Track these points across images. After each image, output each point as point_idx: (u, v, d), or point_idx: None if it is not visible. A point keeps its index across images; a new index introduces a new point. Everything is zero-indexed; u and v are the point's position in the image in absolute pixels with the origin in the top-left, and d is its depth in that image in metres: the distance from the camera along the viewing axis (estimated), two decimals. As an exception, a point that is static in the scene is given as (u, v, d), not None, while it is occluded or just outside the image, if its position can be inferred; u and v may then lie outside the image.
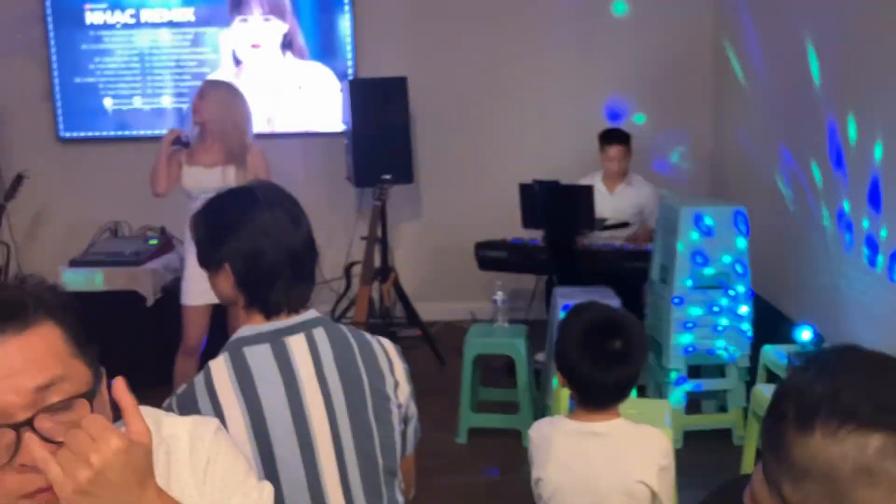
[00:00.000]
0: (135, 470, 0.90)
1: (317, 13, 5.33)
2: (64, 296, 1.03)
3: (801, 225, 3.87)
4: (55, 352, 0.96)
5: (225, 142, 3.60)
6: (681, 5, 5.27)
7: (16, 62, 5.40)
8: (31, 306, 0.96)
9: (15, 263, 5.37)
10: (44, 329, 0.96)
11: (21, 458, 0.91)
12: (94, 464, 0.87)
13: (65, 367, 0.96)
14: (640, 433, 1.82)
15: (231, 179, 3.48)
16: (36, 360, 0.94)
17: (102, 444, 0.87)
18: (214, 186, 3.34)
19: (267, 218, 1.56)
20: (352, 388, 1.56)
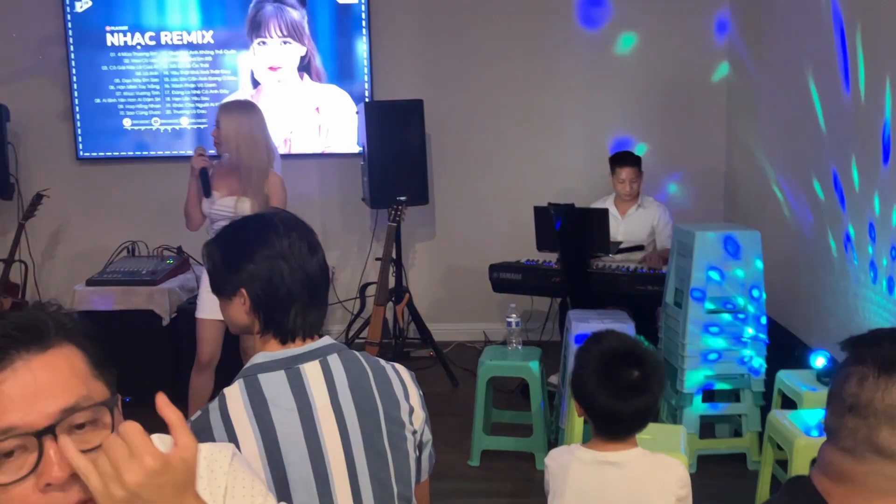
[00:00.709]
0: (173, 486, 0.91)
1: (334, 37, 5.39)
2: (80, 320, 1.04)
3: (816, 250, 3.86)
4: (78, 372, 0.96)
5: (242, 173, 3.49)
6: (693, 32, 5.30)
7: (37, 83, 5.49)
8: (52, 328, 0.97)
9: (32, 282, 5.42)
10: (65, 350, 0.97)
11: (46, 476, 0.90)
12: (129, 483, 0.87)
13: (88, 388, 0.96)
14: (658, 463, 1.81)
15: (245, 210, 3.41)
16: (61, 380, 0.94)
17: (136, 465, 0.88)
18: (226, 214, 3.41)
19: (284, 243, 1.58)
20: (366, 415, 1.56)
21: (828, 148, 3.70)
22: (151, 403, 0.97)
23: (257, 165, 3.49)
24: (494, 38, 5.39)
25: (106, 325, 4.00)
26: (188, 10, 5.38)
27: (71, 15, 5.37)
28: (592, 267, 4.31)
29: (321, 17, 5.36)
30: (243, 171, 3.47)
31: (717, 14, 5.28)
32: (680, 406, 3.51)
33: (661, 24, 5.30)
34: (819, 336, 3.74)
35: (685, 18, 5.29)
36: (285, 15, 5.35)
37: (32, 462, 0.90)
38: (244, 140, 3.47)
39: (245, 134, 3.49)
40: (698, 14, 5.29)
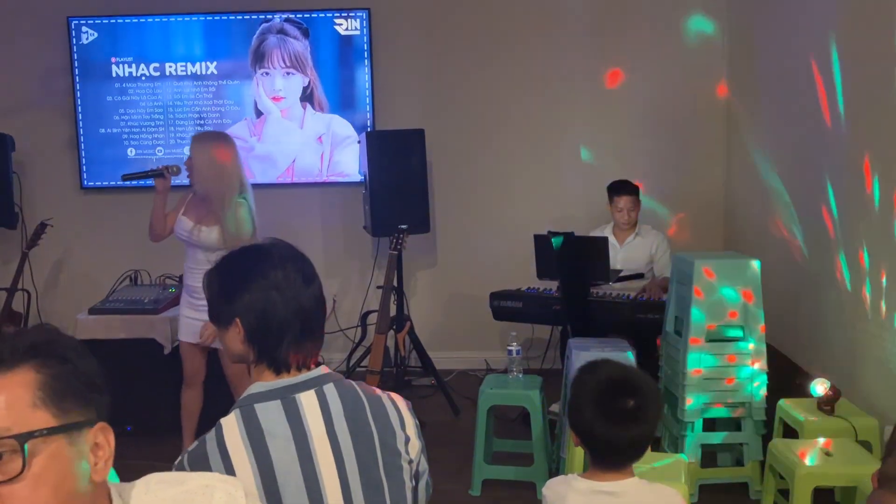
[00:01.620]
0: None
1: (336, 67, 5.46)
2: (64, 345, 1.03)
3: (816, 278, 3.87)
4: (13, 402, 0.96)
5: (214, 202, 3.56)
6: (692, 60, 5.35)
7: (43, 113, 5.56)
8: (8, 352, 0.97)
9: (35, 310, 5.44)
10: (17, 377, 0.97)
11: None
12: None
13: (13, 419, 0.96)
14: (654, 493, 1.81)
15: (209, 238, 3.55)
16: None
17: None
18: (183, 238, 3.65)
19: (279, 274, 1.59)
20: (362, 445, 1.56)
21: (828, 176, 3.72)
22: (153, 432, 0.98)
23: (228, 195, 3.54)
24: (495, 68, 5.45)
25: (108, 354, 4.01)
26: (192, 41, 5.45)
27: (77, 47, 5.45)
28: (592, 295, 4.33)
29: (324, 48, 5.43)
30: (214, 201, 3.55)
31: (714, 42, 5.33)
32: (681, 434, 3.50)
33: (660, 53, 5.36)
34: (820, 364, 3.74)
35: (684, 47, 5.35)
36: (288, 46, 5.42)
37: None
38: (214, 170, 3.56)
39: (216, 164, 3.57)
40: (696, 42, 5.34)
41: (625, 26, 5.38)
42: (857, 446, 3.01)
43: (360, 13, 5.38)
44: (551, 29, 5.40)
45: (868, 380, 3.35)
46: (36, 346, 0.99)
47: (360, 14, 5.38)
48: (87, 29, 5.45)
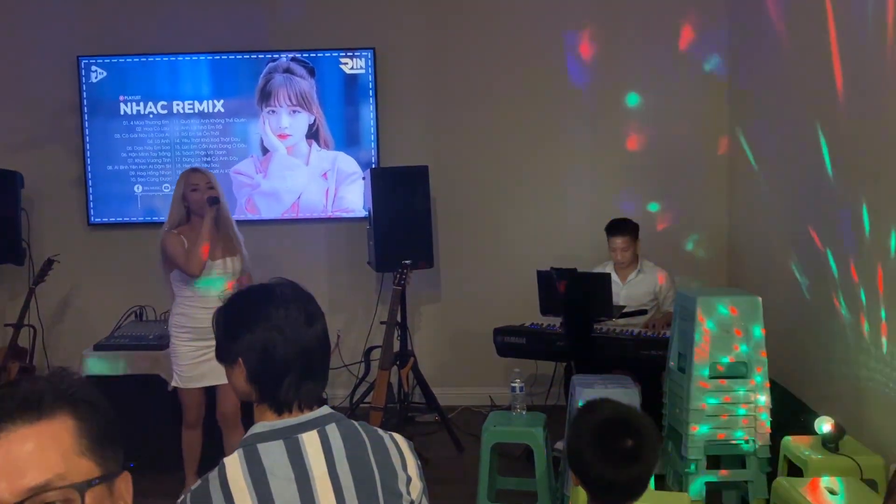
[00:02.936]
0: None
1: (342, 105, 5.53)
2: (92, 391, 1.01)
3: (819, 314, 3.87)
4: (62, 448, 0.94)
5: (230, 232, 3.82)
6: (695, 96, 5.41)
7: (52, 150, 5.63)
8: (49, 397, 0.94)
9: (41, 346, 5.46)
10: (56, 423, 0.94)
11: None
12: None
13: (67, 466, 0.93)
14: (656, 531, 1.81)
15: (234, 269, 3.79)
16: (39, 456, 0.91)
17: None
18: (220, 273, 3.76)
19: (280, 314, 1.60)
20: (364, 486, 1.56)
21: (835, 211, 3.74)
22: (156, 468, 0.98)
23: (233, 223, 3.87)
24: (499, 106, 5.51)
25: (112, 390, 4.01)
26: (199, 80, 5.54)
27: (86, 85, 5.53)
28: (596, 331, 4.33)
29: (329, 87, 5.51)
30: (232, 231, 3.82)
31: (719, 76, 5.39)
32: (685, 472, 3.48)
33: (663, 90, 5.43)
34: (824, 401, 3.73)
35: (687, 82, 5.41)
36: (294, 85, 5.50)
37: None
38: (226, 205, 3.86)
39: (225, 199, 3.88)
40: (699, 77, 5.41)
41: (627, 66, 5.45)
42: (862, 485, 2.99)
43: (364, 52, 5.46)
44: (554, 67, 5.47)
45: (873, 418, 3.34)
46: (72, 392, 0.97)
47: (364, 53, 5.46)
48: (96, 68, 5.54)
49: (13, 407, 0.92)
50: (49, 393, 0.95)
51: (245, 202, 5.57)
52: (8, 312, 5.49)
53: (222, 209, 3.80)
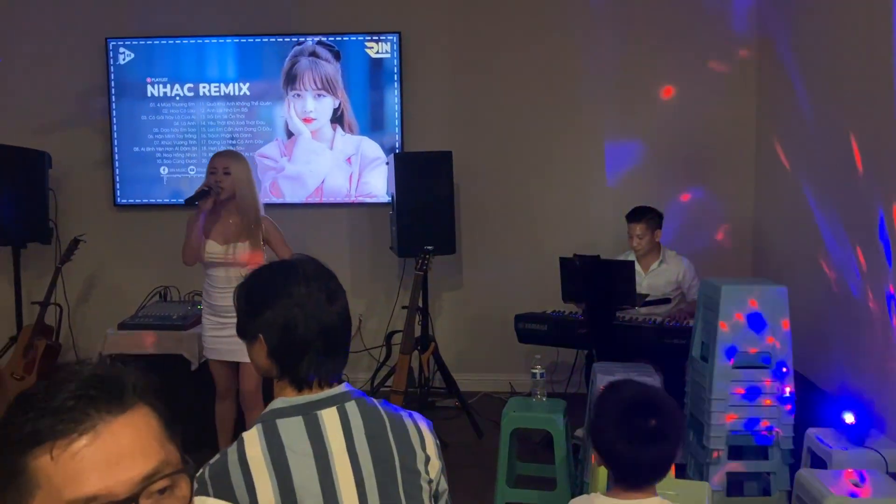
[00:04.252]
0: None
1: (367, 89, 5.53)
2: (154, 380, 0.99)
3: (846, 307, 3.82)
4: (156, 435, 0.92)
5: (246, 217, 3.75)
6: (724, 86, 5.35)
7: (80, 131, 5.68)
8: (128, 388, 0.92)
9: (67, 325, 5.53)
10: (140, 412, 0.92)
11: None
12: None
13: (165, 452, 0.92)
14: (677, 514, 1.80)
15: (242, 253, 3.72)
16: (142, 444, 0.90)
17: None
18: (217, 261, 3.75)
19: (301, 291, 1.60)
20: (382, 463, 1.57)
21: (863, 199, 3.69)
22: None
23: (257, 209, 3.79)
24: (524, 92, 5.48)
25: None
26: (226, 63, 5.56)
27: (114, 67, 5.57)
28: (618, 319, 4.31)
29: (354, 71, 5.50)
30: (247, 216, 3.74)
31: (748, 64, 5.33)
32: (706, 462, 3.46)
33: (691, 77, 5.37)
34: (850, 393, 3.69)
35: (714, 70, 5.35)
36: (320, 68, 5.50)
37: None
38: (249, 185, 3.79)
39: (252, 180, 3.83)
40: (728, 64, 5.34)
41: (655, 52, 5.39)
42: (887, 478, 2.95)
43: (390, 36, 5.45)
44: (581, 54, 5.43)
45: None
46: (140, 382, 0.96)
47: (390, 37, 5.45)
48: (124, 50, 5.57)
49: (101, 400, 0.89)
50: (125, 383, 0.92)
51: (269, 185, 5.59)
52: (35, 291, 5.56)
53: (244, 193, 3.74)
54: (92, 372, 0.92)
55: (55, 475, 0.85)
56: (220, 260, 3.74)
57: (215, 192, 3.72)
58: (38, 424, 0.86)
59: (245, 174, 3.78)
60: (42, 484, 0.85)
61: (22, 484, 0.86)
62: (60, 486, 0.85)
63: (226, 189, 3.72)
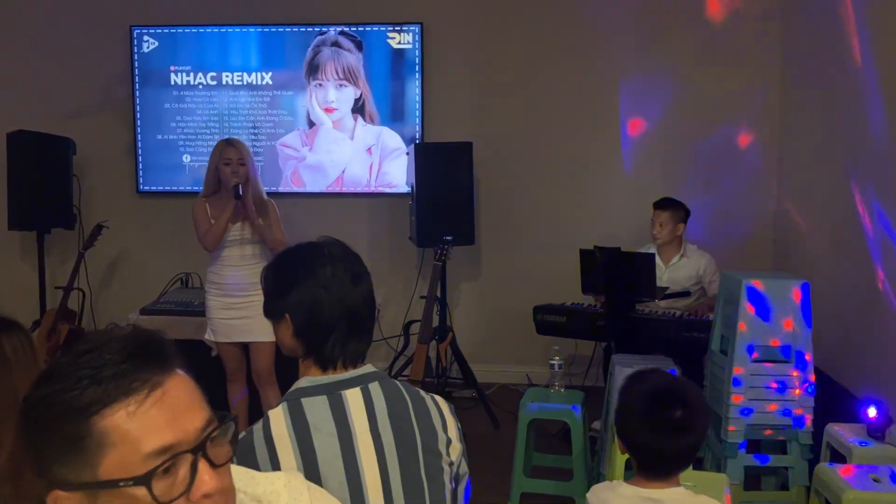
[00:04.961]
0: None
1: (388, 80, 5.54)
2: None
3: (869, 303, 3.79)
4: (198, 391, 0.99)
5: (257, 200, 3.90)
6: (745, 78, 5.31)
7: (103, 118, 5.73)
8: (171, 350, 0.98)
9: (89, 309, 5.59)
10: (182, 374, 0.98)
11: (203, 488, 0.93)
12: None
13: (208, 412, 0.99)
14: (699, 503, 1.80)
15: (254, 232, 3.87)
16: (195, 398, 0.97)
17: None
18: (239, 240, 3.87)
19: (328, 272, 1.62)
20: (404, 444, 1.58)
21: (885, 194, 3.66)
22: None
23: (262, 190, 3.99)
24: (545, 83, 5.47)
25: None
26: (249, 52, 5.58)
27: (138, 55, 5.62)
28: (638, 312, 4.30)
29: (376, 61, 5.51)
30: (258, 197, 3.90)
31: (768, 58, 5.28)
32: (724, 456, 3.45)
33: (713, 71, 5.33)
34: (870, 389, 3.66)
35: (735, 64, 5.31)
36: (342, 58, 5.51)
37: (184, 478, 0.93)
38: (254, 170, 3.98)
39: (253, 164, 3.98)
40: (748, 58, 5.30)
41: (673, 43, 5.36)
42: (907, 474, 2.93)
43: (412, 27, 5.45)
44: (601, 46, 5.41)
45: (920, 407, 3.27)
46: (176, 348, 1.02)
47: (412, 28, 5.46)
48: (148, 38, 5.62)
49: (154, 360, 0.95)
50: (167, 346, 0.98)
51: (290, 175, 5.61)
52: (58, 275, 5.62)
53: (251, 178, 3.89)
54: (136, 336, 0.96)
55: (132, 430, 0.91)
56: (236, 238, 3.87)
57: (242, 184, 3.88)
58: (105, 387, 0.91)
59: (251, 160, 3.96)
60: (115, 442, 0.90)
61: (89, 446, 0.90)
62: (137, 441, 0.91)
63: (242, 178, 3.87)
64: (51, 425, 0.91)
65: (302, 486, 1.20)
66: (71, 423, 0.90)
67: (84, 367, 0.92)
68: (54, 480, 0.92)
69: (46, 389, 0.92)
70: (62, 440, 0.91)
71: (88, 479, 0.91)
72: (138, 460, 0.90)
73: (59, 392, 0.91)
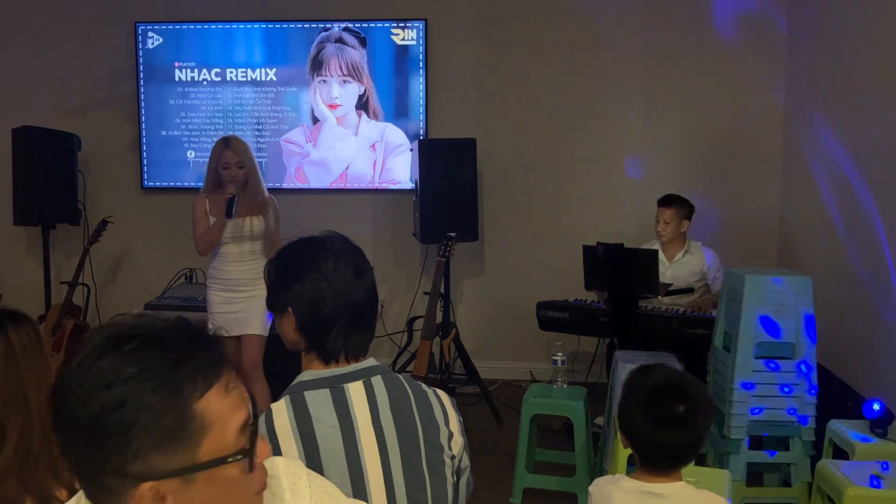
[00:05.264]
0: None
1: (392, 76, 5.54)
2: None
3: (870, 297, 3.79)
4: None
5: (259, 198, 3.90)
6: (750, 74, 5.30)
7: (108, 114, 5.75)
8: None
9: (94, 304, 5.61)
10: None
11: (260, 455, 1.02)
12: None
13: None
14: (702, 498, 1.80)
15: (257, 229, 3.87)
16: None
17: None
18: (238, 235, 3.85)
19: (329, 266, 1.63)
20: (406, 437, 1.59)
21: (885, 194, 3.65)
22: None
23: (264, 188, 3.97)
24: (548, 81, 5.47)
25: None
26: (253, 48, 5.59)
27: (143, 51, 5.63)
28: (641, 308, 4.30)
29: (380, 57, 5.52)
30: (259, 194, 3.90)
31: (775, 53, 5.27)
32: (727, 452, 3.46)
33: (718, 67, 5.32)
34: (873, 386, 3.66)
35: (741, 64, 5.30)
36: (346, 55, 5.52)
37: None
38: (255, 170, 3.94)
39: (255, 163, 3.95)
40: (754, 58, 5.29)
41: (678, 41, 5.35)
42: (909, 470, 2.93)
43: (416, 23, 5.46)
44: (605, 44, 5.41)
45: (923, 404, 3.27)
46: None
47: (416, 24, 5.46)
48: (152, 34, 5.63)
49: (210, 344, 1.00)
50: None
51: (294, 171, 5.63)
52: (63, 271, 5.65)
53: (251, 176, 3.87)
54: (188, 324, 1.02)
55: (224, 410, 0.97)
56: (235, 235, 3.87)
57: (239, 193, 3.86)
58: (204, 372, 0.96)
59: (252, 161, 3.92)
60: (213, 422, 0.96)
61: (192, 431, 0.94)
62: (228, 419, 0.97)
63: (240, 181, 3.86)
64: (152, 416, 0.92)
65: (301, 471, 1.21)
66: (176, 409, 0.93)
67: (170, 349, 0.96)
68: (145, 473, 0.92)
69: (140, 384, 0.92)
70: (164, 428, 0.93)
71: (188, 463, 0.94)
72: (230, 438, 0.97)
73: (159, 383, 0.93)
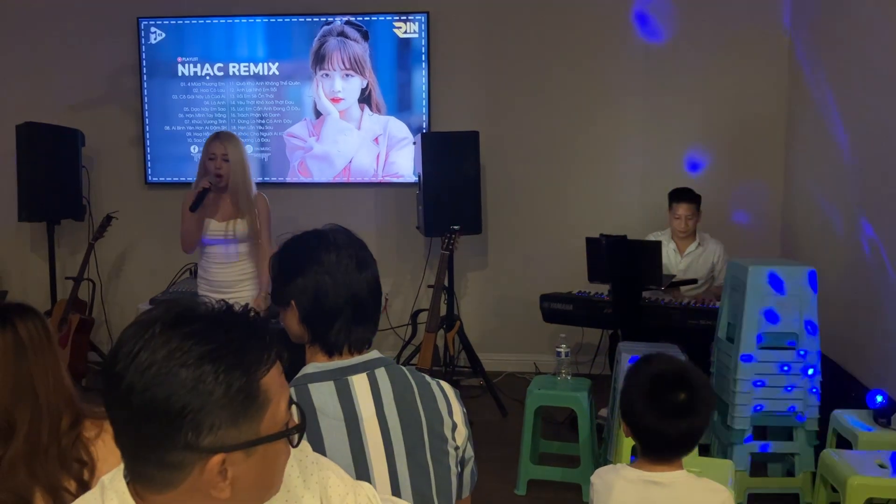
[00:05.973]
0: None
1: (394, 69, 5.54)
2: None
3: (874, 288, 3.79)
4: None
5: (241, 196, 3.76)
6: (755, 66, 5.29)
7: (112, 110, 5.76)
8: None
9: (100, 299, 5.63)
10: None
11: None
12: None
13: None
14: (703, 486, 1.81)
15: (242, 230, 3.76)
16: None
17: None
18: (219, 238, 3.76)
19: (332, 259, 1.63)
20: (410, 429, 1.59)
21: (890, 184, 3.65)
22: None
23: (250, 189, 3.81)
24: (551, 73, 5.47)
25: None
26: (255, 43, 5.60)
27: (146, 46, 5.64)
28: (644, 300, 4.31)
29: (382, 51, 5.52)
30: (242, 195, 3.76)
31: (778, 48, 5.26)
32: (731, 442, 3.47)
33: (722, 58, 5.31)
34: (877, 376, 3.67)
35: (745, 54, 5.29)
36: (348, 48, 5.52)
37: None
38: (243, 168, 3.79)
39: (244, 161, 3.81)
40: (758, 48, 5.28)
41: (685, 34, 5.34)
42: (913, 460, 2.94)
43: (419, 16, 5.45)
44: (610, 36, 5.40)
45: (927, 393, 3.27)
46: None
47: (418, 17, 5.46)
48: (155, 29, 5.63)
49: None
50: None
51: (297, 165, 5.63)
52: (69, 266, 5.67)
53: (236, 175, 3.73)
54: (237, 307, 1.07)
55: (280, 387, 1.05)
56: (220, 237, 3.77)
57: (214, 186, 3.74)
58: (268, 350, 1.03)
59: (240, 156, 3.77)
60: (273, 397, 1.03)
61: (258, 405, 1.01)
62: (281, 396, 1.05)
63: (224, 175, 3.74)
64: (227, 391, 0.97)
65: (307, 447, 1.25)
66: (248, 385, 0.99)
67: (236, 335, 1.01)
68: (216, 446, 0.97)
69: (214, 363, 0.97)
70: (237, 403, 0.98)
71: (254, 436, 1.00)
72: (282, 413, 1.04)
73: (233, 361, 0.99)
